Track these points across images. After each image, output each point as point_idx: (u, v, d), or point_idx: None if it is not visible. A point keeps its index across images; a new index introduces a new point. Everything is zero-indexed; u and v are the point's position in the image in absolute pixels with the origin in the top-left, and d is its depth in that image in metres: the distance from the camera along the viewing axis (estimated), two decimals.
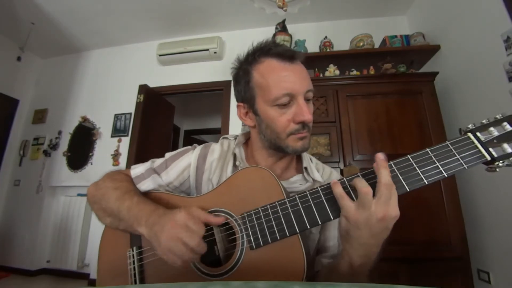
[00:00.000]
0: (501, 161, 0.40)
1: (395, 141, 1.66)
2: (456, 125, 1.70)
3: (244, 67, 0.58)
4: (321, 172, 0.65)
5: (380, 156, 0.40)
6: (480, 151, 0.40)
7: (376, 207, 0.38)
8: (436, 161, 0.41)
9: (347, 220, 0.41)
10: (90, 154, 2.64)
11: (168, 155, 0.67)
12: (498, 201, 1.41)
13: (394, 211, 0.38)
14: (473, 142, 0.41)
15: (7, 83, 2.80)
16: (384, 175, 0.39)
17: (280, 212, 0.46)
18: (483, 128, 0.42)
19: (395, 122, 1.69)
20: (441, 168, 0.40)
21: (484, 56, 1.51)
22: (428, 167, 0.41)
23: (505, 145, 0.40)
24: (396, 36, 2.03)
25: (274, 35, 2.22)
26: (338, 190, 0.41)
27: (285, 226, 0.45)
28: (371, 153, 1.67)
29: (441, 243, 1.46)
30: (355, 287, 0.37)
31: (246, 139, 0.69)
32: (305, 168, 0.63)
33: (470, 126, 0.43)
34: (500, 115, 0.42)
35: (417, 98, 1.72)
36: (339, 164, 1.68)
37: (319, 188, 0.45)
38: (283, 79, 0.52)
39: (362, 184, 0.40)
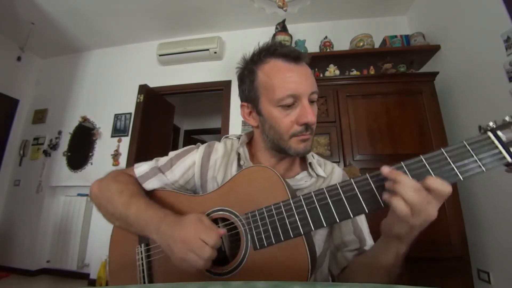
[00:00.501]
0: None
1: (395, 141, 1.66)
2: (457, 125, 1.71)
3: (249, 67, 0.58)
4: (323, 168, 0.66)
5: (386, 170, 0.38)
6: (501, 152, 0.36)
7: (426, 211, 0.37)
8: (451, 163, 0.38)
9: (406, 226, 0.38)
10: (90, 154, 2.64)
11: (172, 153, 0.67)
12: (498, 201, 1.41)
13: (434, 212, 0.37)
14: (493, 142, 0.37)
15: (7, 83, 2.80)
16: (407, 182, 0.37)
17: (284, 213, 0.45)
18: (506, 126, 0.38)
19: (395, 122, 1.69)
20: (456, 171, 0.37)
21: (484, 56, 1.51)
22: (442, 169, 0.38)
23: None
24: (396, 36, 2.03)
25: (274, 35, 2.22)
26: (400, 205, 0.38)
27: (289, 228, 0.44)
28: (371, 153, 1.67)
29: (441, 243, 1.46)
30: (355, 287, 0.37)
31: (249, 139, 0.69)
32: (310, 163, 0.63)
33: (491, 123, 0.39)
34: None
35: (417, 98, 1.72)
36: (339, 164, 1.68)
37: (324, 190, 0.44)
38: (288, 79, 0.52)
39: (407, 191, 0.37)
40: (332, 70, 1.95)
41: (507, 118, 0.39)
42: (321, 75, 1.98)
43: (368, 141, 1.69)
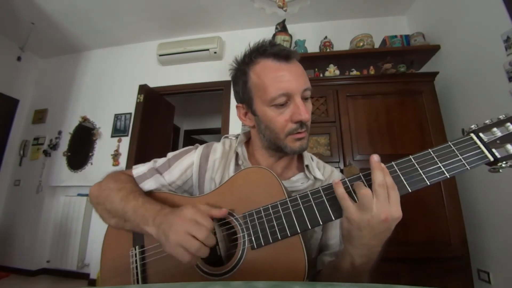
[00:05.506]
0: (504, 162, 0.39)
1: (395, 141, 1.66)
2: (457, 125, 1.71)
3: (241, 68, 0.59)
4: (322, 171, 0.66)
5: (374, 158, 0.41)
6: (483, 152, 0.40)
7: (378, 209, 0.38)
8: (438, 162, 0.40)
9: (349, 221, 0.40)
10: (90, 154, 2.64)
11: (170, 154, 0.67)
12: (498, 201, 1.41)
13: (396, 212, 0.38)
14: (475, 143, 0.40)
15: (7, 83, 2.80)
16: (377, 175, 0.39)
17: (281, 212, 0.46)
18: (486, 128, 0.41)
19: (395, 122, 1.69)
20: (443, 169, 0.40)
21: (484, 56, 1.51)
22: (430, 168, 0.40)
23: (509, 146, 0.39)
24: (396, 36, 2.03)
25: (274, 35, 2.22)
26: (340, 191, 0.41)
27: (286, 226, 0.45)
28: (371, 153, 1.66)
29: (441, 243, 1.46)
30: (355, 287, 0.37)
31: (248, 138, 0.69)
32: (307, 166, 0.63)
33: (473, 126, 0.42)
34: (504, 116, 0.41)
35: (417, 98, 1.71)
36: (339, 164, 1.68)
37: (320, 188, 0.45)
38: (279, 79, 0.53)
39: (360, 187, 0.40)
40: (332, 70, 1.95)
41: (487, 121, 0.42)
42: (321, 75, 1.98)
43: (368, 141, 1.68)
